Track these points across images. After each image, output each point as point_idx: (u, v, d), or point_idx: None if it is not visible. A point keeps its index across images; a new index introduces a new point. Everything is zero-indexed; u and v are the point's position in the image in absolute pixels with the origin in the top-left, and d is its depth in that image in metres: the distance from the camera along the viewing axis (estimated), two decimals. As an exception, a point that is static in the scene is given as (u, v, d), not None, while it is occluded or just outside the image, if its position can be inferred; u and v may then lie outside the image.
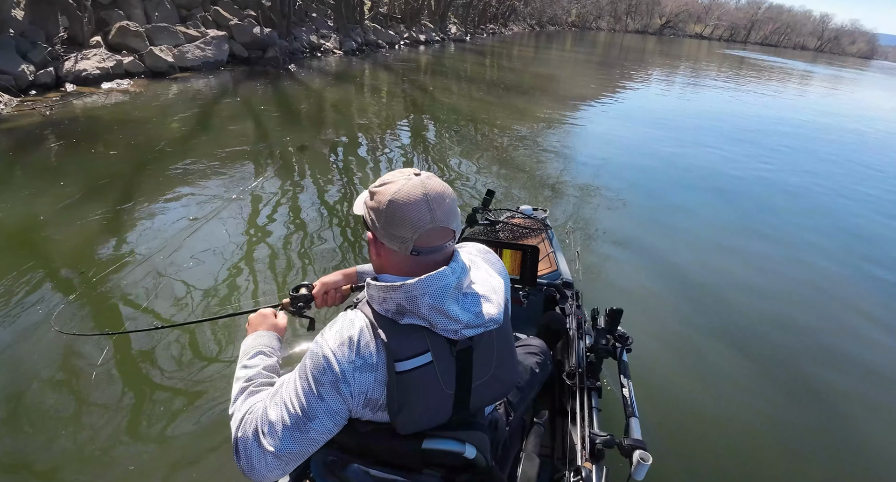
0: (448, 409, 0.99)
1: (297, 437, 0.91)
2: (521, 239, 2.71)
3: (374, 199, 0.96)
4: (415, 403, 0.94)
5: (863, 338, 3.46)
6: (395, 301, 0.93)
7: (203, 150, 5.78)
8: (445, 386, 0.97)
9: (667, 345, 3.11)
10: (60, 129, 6.02)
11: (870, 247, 5.10)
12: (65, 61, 8.42)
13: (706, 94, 16.44)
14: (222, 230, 3.86)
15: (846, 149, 10.05)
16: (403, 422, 0.95)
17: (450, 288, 0.92)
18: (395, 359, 0.92)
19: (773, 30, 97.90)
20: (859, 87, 28.75)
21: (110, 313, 2.86)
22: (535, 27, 56.98)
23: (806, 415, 2.70)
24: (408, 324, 0.94)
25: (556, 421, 1.79)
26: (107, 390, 2.33)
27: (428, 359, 0.94)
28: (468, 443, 1.00)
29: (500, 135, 8.19)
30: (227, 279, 3.24)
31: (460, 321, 0.93)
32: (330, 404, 0.92)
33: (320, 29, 16.64)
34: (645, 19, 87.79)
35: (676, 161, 7.47)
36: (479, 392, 1.02)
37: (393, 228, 0.93)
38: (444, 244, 0.96)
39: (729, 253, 4.57)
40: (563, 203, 5.29)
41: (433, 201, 0.92)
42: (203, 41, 11.00)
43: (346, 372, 0.91)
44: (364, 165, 6.00)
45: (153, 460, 2.02)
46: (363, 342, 0.93)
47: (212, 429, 2.15)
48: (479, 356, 1.00)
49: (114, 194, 4.35)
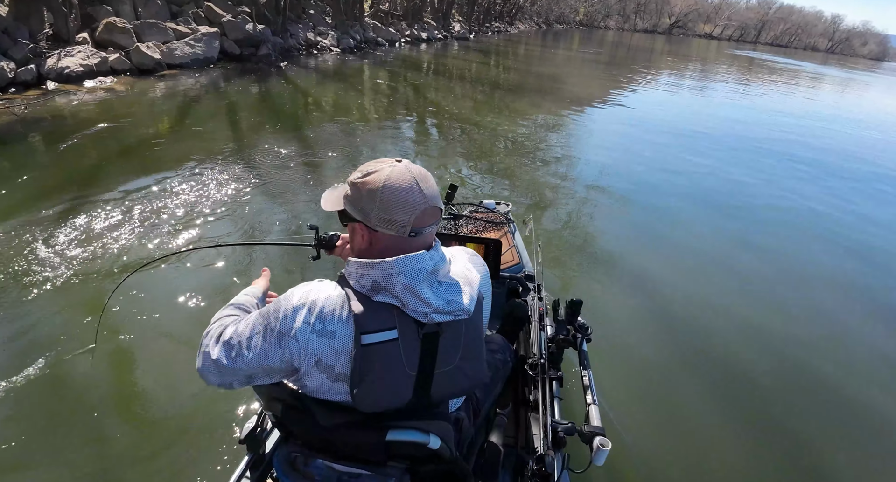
0: (408, 392, 1.00)
1: (230, 356, 1.00)
2: (484, 232, 2.71)
3: (362, 190, 0.99)
4: (376, 378, 0.96)
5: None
6: (371, 277, 0.97)
7: (169, 152, 5.59)
8: (408, 366, 0.99)
9: (627, 335, 3.19)
10: (28, 129, 5.86)
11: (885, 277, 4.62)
12: (47, 58, 8.27)
13: (715, 99, 16.11)
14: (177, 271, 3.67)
15: (865, 163, 9.69)
16: (362, 396, 0.97)
17: (425, 271, 0.97)
18: (362, 331, 0.95)
19: (783, 30, 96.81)
20: (874, 91, 28.21)
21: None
22: (542, 26, 56.53)
23: (765, 406, 2.76)
24: (380, 302, 0.97)
25: (519, 411, 1.81)
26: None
27: (394, 336, 0.97)
28: (432, 433, 1.00)
29: (497, 137, 7.97)
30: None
31: (431, 305, 0.96)
32: (267, 349, 0.97)
33: (318, 26, 16.44)
34: (654, 18, 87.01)
35: (668, 166, 7.22)
36: (441, 380, 1.03)
37: (390, 213, 0.97)
38: (435, 222, 1.02)
39: (699, 256, 4.52)
40: (537, 198, 5.37)
41: (422, 183, 0.98)
42: (193, 38, 10.83)
43: (297, 330, 0.96)
44: (339, 167, 5.80)
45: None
46: (327, 309, 0.97)
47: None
48: (445, 343, 1.02)
49: (60, 201, 4.13)
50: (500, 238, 2.13)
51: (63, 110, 6.89)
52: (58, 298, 2.94)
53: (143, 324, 2.80)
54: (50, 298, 2.93)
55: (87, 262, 3.30)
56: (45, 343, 2.59)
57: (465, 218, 2.78)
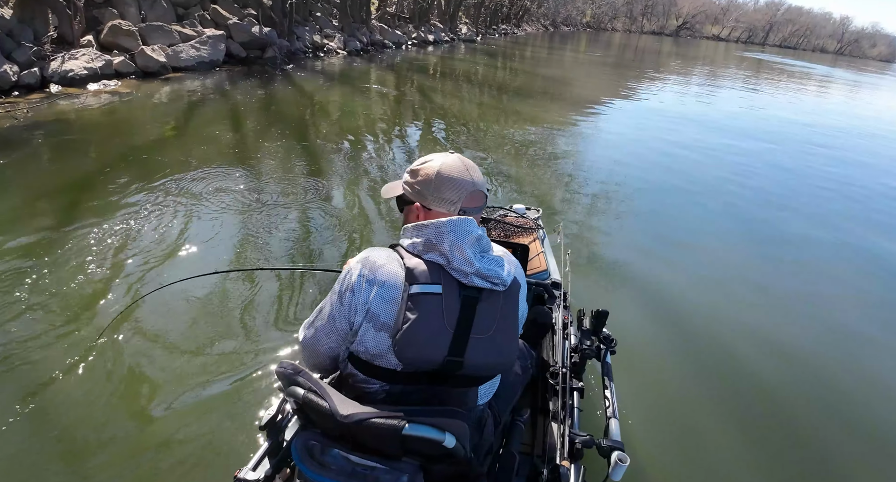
0: (444, 348, 1.08)
1: (309, 332, 1.23)
2: (513, 237, 2.71)
3: (420, 174, 1.18)
4: (417, 324, 1.05)
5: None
6: (424, 236, 1.12)
7: (170, 159, 5.43)
8: (447, 321, 1.08)
9: (652, 350, 3.07)
10: (31, 133, 5.73)
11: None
12: (51, 61, 8.16)
13: (726, 104, 15.85)
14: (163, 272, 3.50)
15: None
16: (403, 343, 1.06)
17: (472, 235, 1.11)
18: (411, 282, 1.08)
19: (791, 32, 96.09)
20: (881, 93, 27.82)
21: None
22: (549, 28, 56.29)
23: (789, 431, 2.61)
24: (429, 260, 1.11)
25: (536, 418, 1.79)
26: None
27: (438, 290, 1.08)
28: (448, 432, 1.00)
29: (507, 140, 7.78)
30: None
31: (473, 264, 1.09)
32: (334, 313, 1.16)
33: (324, 28, 16.32)
34: (661, 20, 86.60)
35: (689, 174, 7.01)
36: (475, 347, 1.09)
37: (444, 193, 1.15)
38: (480, 207, 1.20)
39: (728, 270, 4.29)
40: (560, 206, 5.19)
41: (471, 170, 1.18)
42: (198, 40, 10.72)
43: (354, 284, 1.12)
44: (352, 173, 5.63)
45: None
46: (379, 262, 1.12)
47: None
48: (481, 311, 1.11)
49: (48, 215, 3.95)
50: (528, 244, 2.11)
51: (66, 114, 6.77)
52: (52, 317, 2.77)
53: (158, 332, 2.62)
54: (40, 319, 2.76)
55: (84, 284, 3.13)
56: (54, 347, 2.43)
57: (494, 221, 2.78)
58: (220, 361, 2.55)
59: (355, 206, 4.70)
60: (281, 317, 2.92)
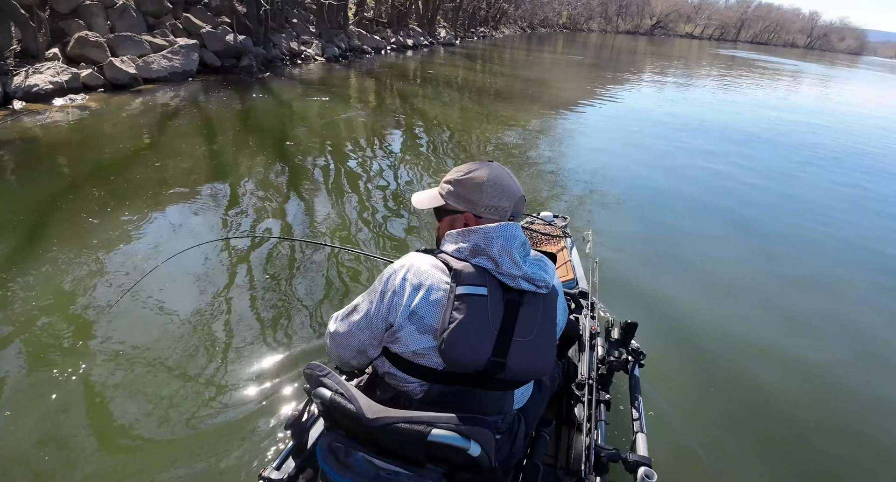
0: (488, 349, 1.08)
1: (343, 325, 1.25)
2: (540, 245, 2.63)
3: (467, 185, 1.21)
4: (463, 324, 1.06)
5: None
6: (472, 241, 1.15)
7: (140, 176, 5.18)
8: (492, 323, 1.08)
9: (682, 364, 2.97)
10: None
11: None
12: (14, 76, 7.80)
13: (706, 100, 15.96)
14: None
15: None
16: (449, 342, 1.05)
17: (518, 239, 1.16)
18: (458, 283, 1.10)
19: (762, 28, 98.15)
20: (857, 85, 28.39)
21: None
22: (527, 29, 56.49)
23: (818, 454, 2.50)
24: (477, 264, 1.13)
25: (561, 430, 1.76)
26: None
27: (484, 292, 1.09)
28: (473, 440, 0.98)
29: (490, 144, 7.64)
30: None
31: (521, 268, 1.12)
32: (371, 310, 1.18)
33: (301, 35, 16.05)
34: (635, 20, 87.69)
35: (701, 180, 6.94)
36: (517, 350, 1.10)
37: (495, 200, 1.20)
38: (522, 211, 1.26)
39: (757, 276, 4.20)
40: (584, 212, 5.12)
41: (513, 177, 1.25)
42: (170, 50, 10.40)
43: (398, 286, 1.14)
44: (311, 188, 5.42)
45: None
46: (423, 268, 1.14)
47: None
48: (524, 315, 1.12)
49: (23, 233, 3.75)
50: (556, 252, 2.03)
51: (31, 131, 6.44)
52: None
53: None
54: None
55: (46, 308, 2.89)
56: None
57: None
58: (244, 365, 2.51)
59: (342, 220, 4.51)
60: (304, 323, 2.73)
